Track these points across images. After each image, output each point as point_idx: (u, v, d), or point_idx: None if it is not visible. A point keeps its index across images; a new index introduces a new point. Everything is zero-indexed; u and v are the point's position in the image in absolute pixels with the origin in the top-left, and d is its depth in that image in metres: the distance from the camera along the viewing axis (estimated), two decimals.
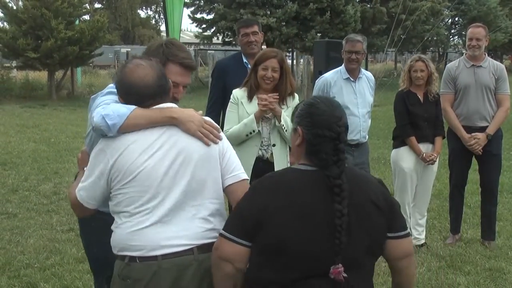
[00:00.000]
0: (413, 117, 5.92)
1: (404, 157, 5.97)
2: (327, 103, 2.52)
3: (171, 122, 2.62)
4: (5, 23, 25.05)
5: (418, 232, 6.15)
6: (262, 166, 4.48)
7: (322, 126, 2.42)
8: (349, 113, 5.55)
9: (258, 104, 4.52)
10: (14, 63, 26.89)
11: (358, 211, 2.38)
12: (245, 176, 2.81)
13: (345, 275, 2.33)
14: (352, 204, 2.35)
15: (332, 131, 2.41)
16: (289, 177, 2.47)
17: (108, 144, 2.63)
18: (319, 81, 5.71)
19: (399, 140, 6.05)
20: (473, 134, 6.01)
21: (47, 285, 5.10)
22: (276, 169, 4.38)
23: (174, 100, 2.81)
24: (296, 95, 4.77)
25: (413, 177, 6.01)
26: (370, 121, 5.85)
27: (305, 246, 2.35)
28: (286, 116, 4.53)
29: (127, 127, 2.58)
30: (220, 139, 2.74)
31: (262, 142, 4.60)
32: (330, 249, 2.32)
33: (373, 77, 5.91)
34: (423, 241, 6.13)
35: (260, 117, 4.53)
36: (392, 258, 2.56)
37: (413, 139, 5.91)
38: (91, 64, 27.69)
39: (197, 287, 2.61)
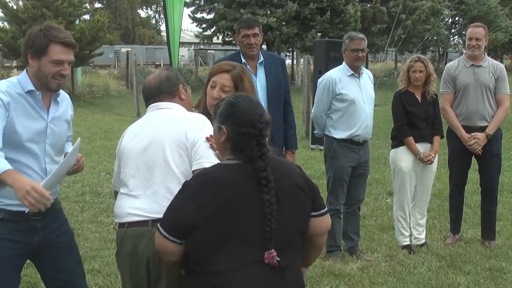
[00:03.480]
0: (411, 117, 5.90)
1: (402, 157, 5.95)
2: (248, 101, 2.66)
3: (9, 185, 2.77)
4: (5, 23, 25.05)
5: (418, 232, 6.14)
6: None
7: (245, 125, 2.56)
8: (356, 109, 5.57)
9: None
10: (14, 63, 26.95)
11: (286, 195, 2.56)
12: (207, 165, 2.87)
13: (278, 259, 2.49)
14: (280, 190, 2.53)
15: (255, 128, 2.55)
16: (219, 174, 2.59)
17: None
18: (323, 80, 5.67)
19: (397, 140, 6.03)
20: (472, 134, 6.00)
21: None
22: None
23: (62, 77, 3.22)
24: None
25: (411, 176, 6.00)
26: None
27: (240, 237, 2.50)
28: None
29: None
30: (47, 206, 2.76)
31: None
32: (263, 237, 2.49)
33: (371, 74, 5.94)
34: (423, 241, 6.13)
35: None
36: (314, 234, 2.75)
37: (410, 139, 5.89)
38: (91, 64, 27.68)
39: (152, 255, 2.87)
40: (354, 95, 5.57)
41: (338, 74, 5.64)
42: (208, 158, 2.94)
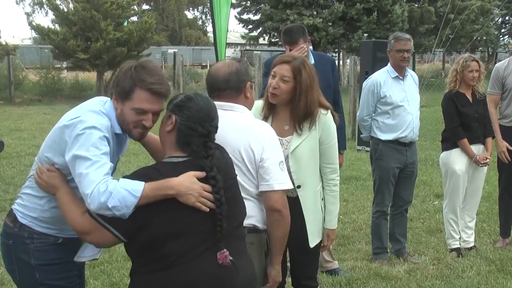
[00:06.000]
0: (464, 118, 5.79)
1: (456, 160, 5.84)
2: (206, 102, 2.67)
3: (170, 196, 2.50)
4: (56, 25, 25.59)
5: (467, 235, 6.04)
6: None
7: (195, 121, 2.59)
8: (402, 111, 5.53)
9: None
10: (64, 64, 27.54)
11: (232, 190, 2.68)
12: (279, 187, 2.97)
13: (231, 258, 2.55)
14: (227, 188, 2.61)
15: (203, 128, 2.59)
16: (165, 173, 2.55)
17: None
18: (368, 82, 5.66)
19: (449, 143, 5.92)
20: None
21: (96, 282, 5.20)
22: (304, 212, 3.61)
23: (144, 128, 2.77)
24: (330, 119, 3.71)
25: (465, 179, 5.88)
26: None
27: (189, 238, 2.52)
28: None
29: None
30: (222, 204, 2.57)
31: None
32: (213, 237, 2.54)
33: (416, 76, 5.88)
34: (472, 244, 6.03)
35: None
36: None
37: (465, 141, 5.77)
38: None
39: None
40: (399, 98, 5.53)
41: (382, 76, 5.61)
42: (278, 179, 2.96)
